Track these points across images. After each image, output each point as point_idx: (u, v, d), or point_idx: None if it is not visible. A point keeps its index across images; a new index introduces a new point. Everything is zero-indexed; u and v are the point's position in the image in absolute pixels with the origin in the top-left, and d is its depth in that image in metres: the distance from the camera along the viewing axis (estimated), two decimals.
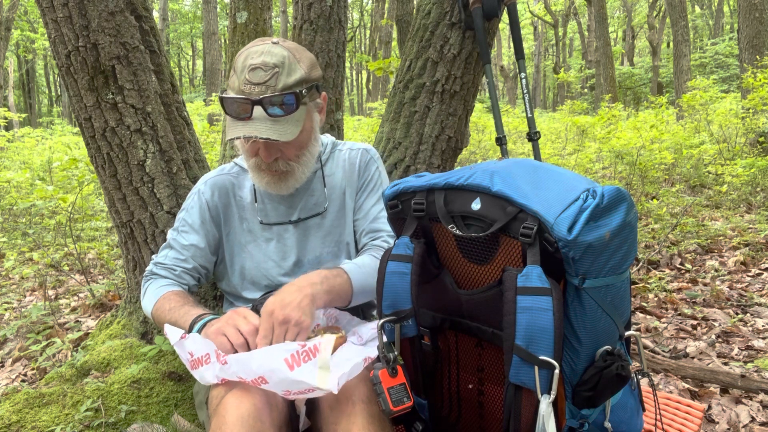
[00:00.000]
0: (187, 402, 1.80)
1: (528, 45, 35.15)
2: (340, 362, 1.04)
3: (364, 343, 1.21)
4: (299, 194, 1.45)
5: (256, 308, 1.39)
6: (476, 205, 0.98)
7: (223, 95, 1.25)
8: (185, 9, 34.51)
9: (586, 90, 24.72)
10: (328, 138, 1.55)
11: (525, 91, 2.27)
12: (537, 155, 2.21)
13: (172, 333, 1.19)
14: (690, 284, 3.41)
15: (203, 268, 1.47)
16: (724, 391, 2.08)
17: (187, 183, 1.99)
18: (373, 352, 1.16)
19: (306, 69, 1.27)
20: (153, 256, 1.50)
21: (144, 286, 1.45)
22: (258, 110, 1.21)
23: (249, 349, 1.12)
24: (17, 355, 2.52)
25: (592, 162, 7.48)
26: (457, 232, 1.00)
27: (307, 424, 1.18)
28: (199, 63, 41.63)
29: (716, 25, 29.06)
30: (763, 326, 2.71)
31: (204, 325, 1.21)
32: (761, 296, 3.12)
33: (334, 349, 1.15)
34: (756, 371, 2.23)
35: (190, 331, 1.22)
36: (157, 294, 1.38)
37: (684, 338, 2.65)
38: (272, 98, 1.21)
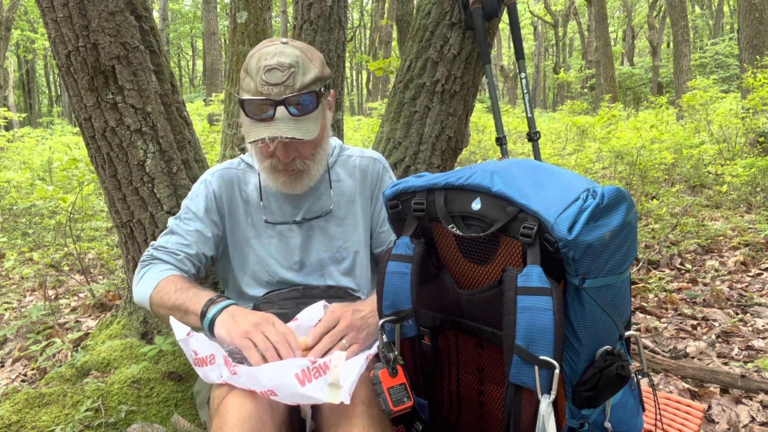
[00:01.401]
0: (187, 402, 1.80)
1: (528, 45, 35.14)
2: (347, 372, 1.04)
3: None
4: (306, 195, 1.45)
5: (258, 308, 1.38)
6: (476, 205, 0.98)
7: (242, 97, 1.25)
8: (185, 9, 34.50)
9: (586, 90, 24.71)
10: (335, 141, 1.55)
11: (525, 91, 2.27)
12: (537, 155, 2.21)
13: (177, 328, 1.16)
14: (690, 284, 3.41)
15: (205, 256, 1.43)
16: (724, 391, 2.08)
17: (187, 183, 1.99)
18: (374, 349, 1.16)
19: (319, 67, 1.28)
20: (152, 242, 1.45)
21: (141, 272, 1.38)
22: (280, 110, 1.22)
23: (279, 357, 1.09)
24: (17, 355, 2.52)
25: (592, 162, 7.48)
26: (457, 232, 1.00)
27: (312, 426, 1.18)
28: (199, 63, 41.63)
29: (716, 25, 29.05)
30: (763, 326, 2.71)
31: (219, 312, 1.17)
32: (761, 296, 3.12)
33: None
34: (756, 371, 2.23)
35: (202, 317, 1.18)
36: (158, 277, 1.32)
37: (684, 338, 2.65)
38: (294, 98, 1.22)
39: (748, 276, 3.52)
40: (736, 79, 16.89)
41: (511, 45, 9.16)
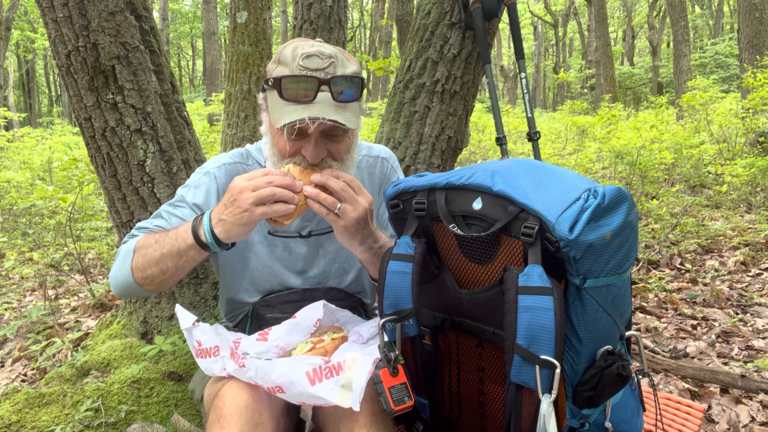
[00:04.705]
0: (187, 402, 1.80)
1: (528, 45, 35.14)
2: (360, 376, 1.02)
3: (365, 342, 1.21)
4: None
5: (257, 311, 1.37)
6: (477, 205, 0.98)
7: (281, 74, 1.12)
8: (185, 9, 34.49)
9: (586, 90, 24.71)
10: None
11: (525, 91, 2.27)
12: (537, 155, 2.21)
13: (183, 317, 1.13)
14: (690, 284, 3.41)
15: None
16: (724, 391, 2.08)
17: None
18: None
19: (357, 65, 1.21)
20: (137, 223, 1.34)
21: (117, 255, 1.27)
22: (322, 95, 1.11)
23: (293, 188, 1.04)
24: (17, 355, 2.52)
25: (592, 162, 7.48)
26: (459, 231, 1.00)
27: (311, 427, 1.17)
28: (199, 63, 41.61)
29: (716, 25, 29.06)
30: (763, 326, 2.71)
31: (209, 223, 1.09)
32: (761, 296, 3.12)
33: (336, 348, 1.15)
34: (756, 371, 2.23)
35: (195, 234, 1.10)
36: (131, 247, 1.21)
37: (684, 338, 2.65)
38: (340, 80, 1.11)
39: (748, 276, 3.52)
40: (736, 79, 16.89)
41: (511, 45, 9.16)
